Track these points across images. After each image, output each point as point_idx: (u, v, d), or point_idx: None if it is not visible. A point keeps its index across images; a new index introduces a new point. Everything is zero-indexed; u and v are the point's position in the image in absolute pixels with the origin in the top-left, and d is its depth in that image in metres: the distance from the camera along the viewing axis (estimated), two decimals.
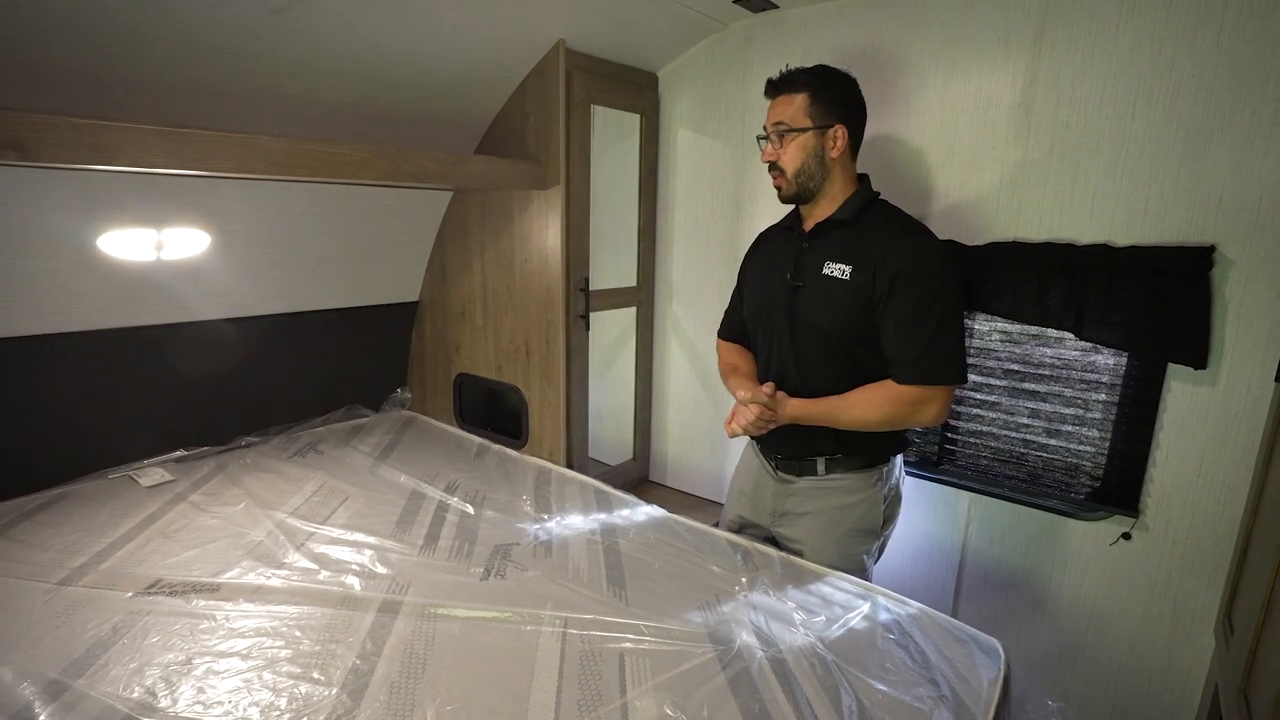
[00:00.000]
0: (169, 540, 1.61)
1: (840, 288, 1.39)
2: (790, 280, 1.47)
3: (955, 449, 1.92)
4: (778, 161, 1.43)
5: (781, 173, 1.44)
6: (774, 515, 1.62)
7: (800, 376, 1.48)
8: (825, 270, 1.42)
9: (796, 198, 1.47)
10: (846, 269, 1.39)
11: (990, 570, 1.87)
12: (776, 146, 1.43)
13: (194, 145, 1.28)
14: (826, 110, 1.40)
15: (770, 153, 1.44)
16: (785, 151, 1.42)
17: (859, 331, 1.39)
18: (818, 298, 1.43)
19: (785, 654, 1.27)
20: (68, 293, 1.71)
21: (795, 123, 1.40)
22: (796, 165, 1.42)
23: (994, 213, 1.72)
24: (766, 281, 1.54)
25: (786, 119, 1.41)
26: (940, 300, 1.33)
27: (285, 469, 2.05)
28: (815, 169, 1.42)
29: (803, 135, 1.40)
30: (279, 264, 2.09)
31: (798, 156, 1.41)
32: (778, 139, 1.43)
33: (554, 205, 2.02)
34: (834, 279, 1.40)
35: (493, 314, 2.29)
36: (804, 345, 1.46)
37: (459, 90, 1.95)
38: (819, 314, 1.42)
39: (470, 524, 1.75)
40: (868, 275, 1.36)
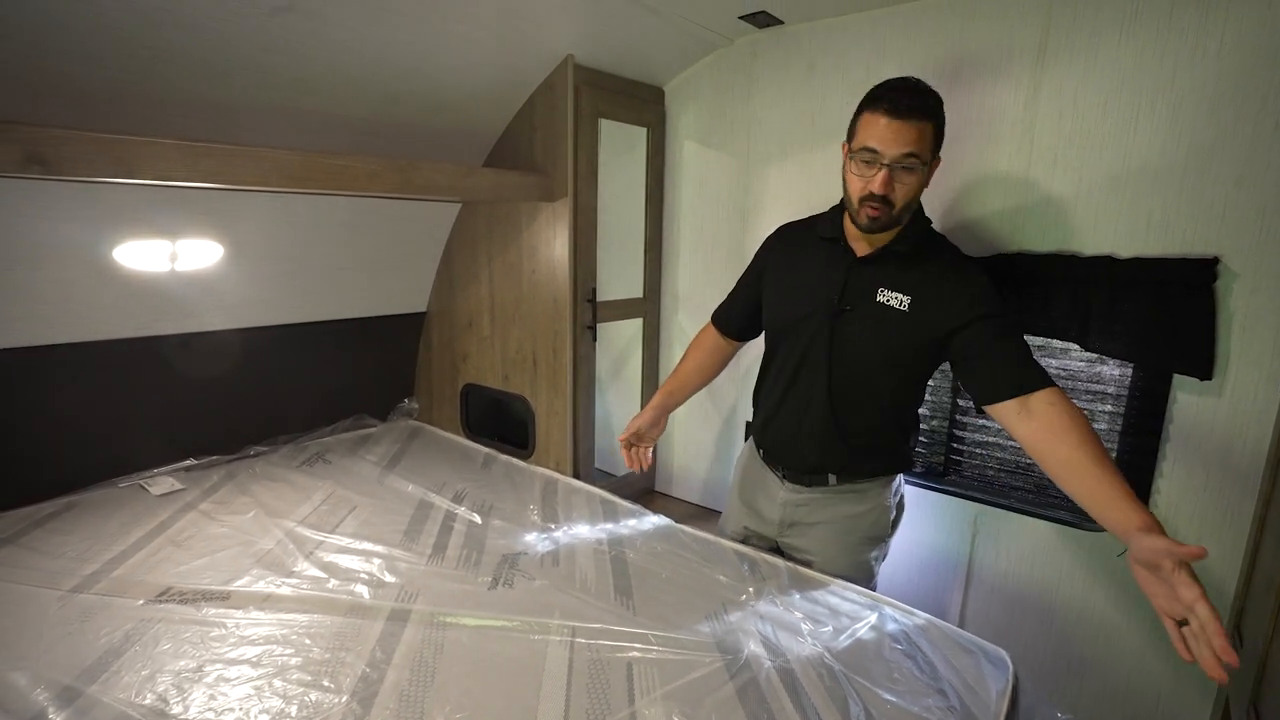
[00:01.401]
0: (179, 548, 1.62)
1: (897, 317, 1.31)
2: (838, 302, 1.36)
3: (961, 460, 1.92)
4: (889, 195, 1.23)
5: (888, 206, 1.24)
6: (782, 525, 1.59)
7: (829, 402, 1.41)
8: (880, 298, 1.32)
9: (886, 229, 1.30)
10: (905, 299, 1.30)
11: (997, 581, 1.87)
12: (894, 178, 1.23)
13: (211, 159, 1.31)
14: (939, 143, 1.26)
15: (886, 183, 1.22)
16: (901, 185, 1.23)
17: (908, 363, 1.34)
18: (870, 327, 1.33)
19: (793, 664, 1.27)
20: (82, 303, 1.73)
21: (926, 156, 1.23)
22: (908, 199, 1.25)
23: (998, 225, 1.73)
24: (803, 295, 1.42)
25: (919, 151, 1.21)
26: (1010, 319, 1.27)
27: (294, 478, 2.06)
28: (915, 203, 1.29)
29: (926, 169, 1.25)
30: (289, 275, 2.11)
31: (912, 190, 1.25)
32: (904, 171, 1.23)
33: (562, 217, 2.04)
34: (890, 309, 1.31)
35: (500, 324, 2.30)
36: (843, 371, 1.38)
37: (468, 104, 1.98)
38: (870, 344, 1.34)
39: (478, 533, 1.76)
40: (932, 308, 1.28)
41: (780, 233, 1.58)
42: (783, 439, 1.52)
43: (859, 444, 1.44)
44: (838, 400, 1.41)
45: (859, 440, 1.44)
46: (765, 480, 1.60)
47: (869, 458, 1.47)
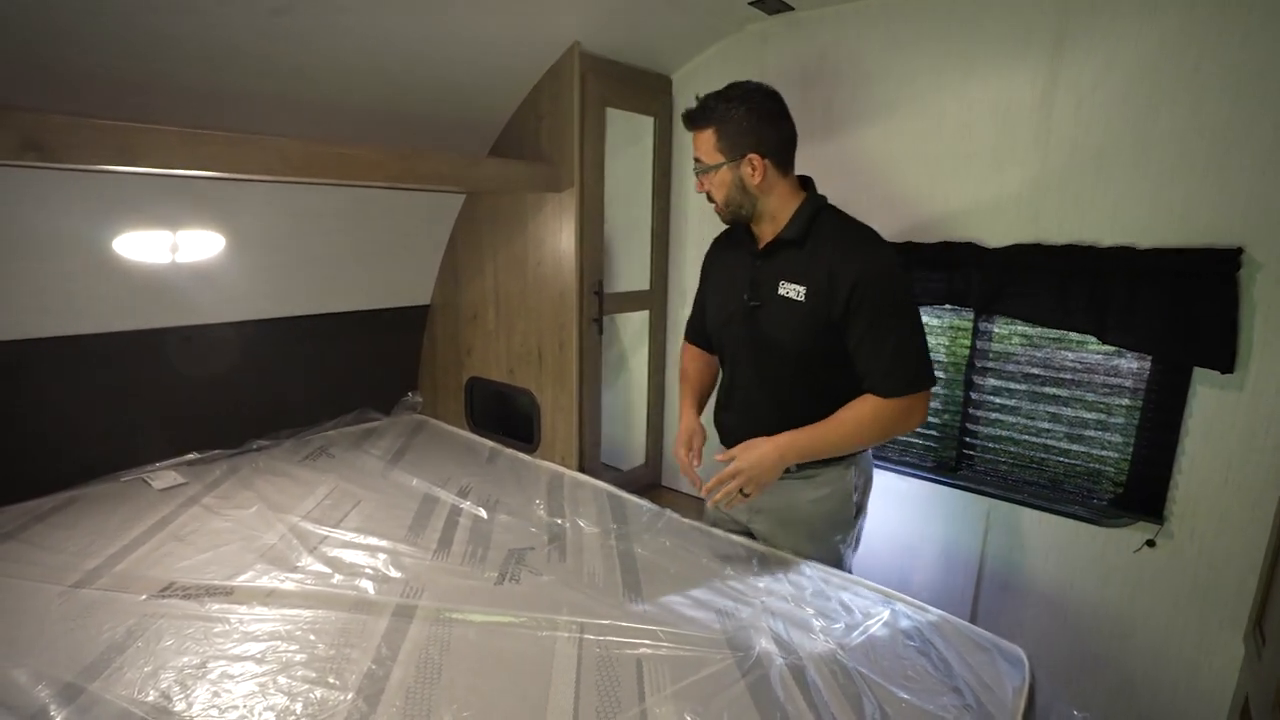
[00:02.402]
0: (182, 543, 1.60)
1: (797, 309, 1.38)
2: (748, 300, 1.45)
3: (974, 454, 1.90)
4: (708, 194, 1.44)
5: (714, 202, 1.44)
6: (751, 511, 1.62)
7: (764, 391, 1.49)
8: (781, 290, 1.41)
9: (732, 222, 1.47)
10: (801, 289, 1.38)
11: (1009, 577, 1.84)
12: (703, 180, 1.43)
13: (213, 147, 1.28)
14: (735, 143, 1.37)
15: (699, 186, 1.45)
16: (709, 186, 1.43)
17: (820, 348, 1.39)
18: (776, 319, 1.42)
19: (805, 661, 1.24)
20: (82, 295, 1.71)
21: (710, 159, 1.39)
22: (723, 198, 1.42)
23: (1014, 215, 1.70)
24: (725, 298, 1.53)
25: (701, 156, 1.41)
26: (899, 308, 1.34)
27: (297, 472, 2.04)
28: (742, 199, 1.40)
29: (719, 171, 1.39)
30: (291, 266, 2.09)
31: (721, 190, 1.41)
32: (701, 174, 1.43)
33: (568, 208, 2.01)
34: (789, 300, 1.39)
35: (505, 317, 2.28)
36: (767, 361, 1.47)
37: (473, 93, 1.95)
38: (779, 334, 1.42)
39: (484, 528, 1.74)
40: (822, 295, 1.35)
41: (716, 241, 1.66)
42: (736, 434, 1.55)
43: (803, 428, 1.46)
44: (773, 393, 1.48)
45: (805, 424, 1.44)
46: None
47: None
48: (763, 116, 1.37)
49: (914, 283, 1.84)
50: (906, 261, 1.85)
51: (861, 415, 1.37)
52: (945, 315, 1.89)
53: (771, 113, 1.39)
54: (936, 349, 1.93)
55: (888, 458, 2.05)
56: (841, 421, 1.38)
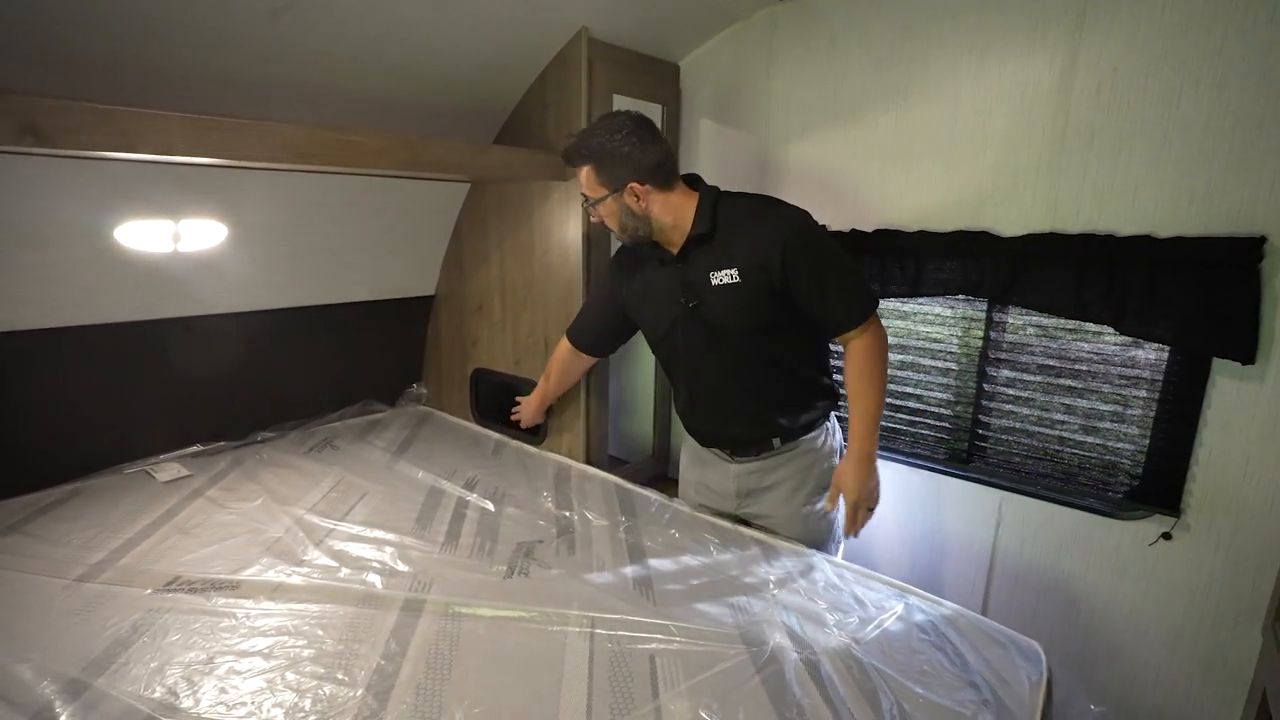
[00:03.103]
0: (187, 536, 1.59)
1: (737, 290, 1.43)
2: (686, 303, 1.50)
3: (986, 446, 1.87)
4: (602, 223, 1.53)
5: (611, 230, 1.53)
6: (739, 497, 1.66)
7: (733, 381, 1.54)
8: (714, 281, 1.45)
9: (635, 243, 1.53)
10: (733, 272, 1.43)
11: (1022, 570, 1.82)
12: (593, 213, 1.52)
13: (216, 133, 1.25)
14: (615, 174, 1.44)
15: (595, 216, 1.53)
16: (602, 216, 1.51)
17: (770, 320, 1.45)
18: (720, 307, 1.46)
19: (820, 656, 1.23)
20: (82, 286, 1.69)
21: (594, 194, 1.48)
22: (616, 225, 1.50)
23: (1030, 203, 1.67)
24: (660, 309, 1.57)
25: (586, 191, 1.50)
26: (828, 249, 1.43)
27: (302, 464, 2.03)
28: (634, 222, 1.47)
29: (605, 202, 1.47)
30: (293, 257, 2.06)
31: (613, 218, 1.49)
32: (591, 207, 1.51)
33: (575, 197, 1.98)
34: (727, 285, 1.44)
35: (511, 308, 2.25)
36: (726, 351, 1.51)
37: (479, 79, 1.91)
38: (729, 320, 1.46)
39: (491, 521, 1.72)
40: (755, 269, 1.41)
41: (618, 259, 1.73)
42: (714, 431, 1.65)
43: (782, 405, 1.55)
44: (738, 380, 1.54)
45: (779, 402, 1.55)
46: (713, 461, 1.69)
47: (799, 412, 1.57)
48: (634, 145, 1.43)
49: (926, 273, 1.81)
50: (919, 251, 1.82)
51: (862, 365, 1.45)
52: (958, 305, 1.86)
53: (643, 139, 1.44)
54: (949, 340, 1.90)
55: (898, 449, 2.03)
56: (860, 388, 1.45)
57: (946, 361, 1.91)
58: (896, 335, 2.00)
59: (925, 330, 1.93)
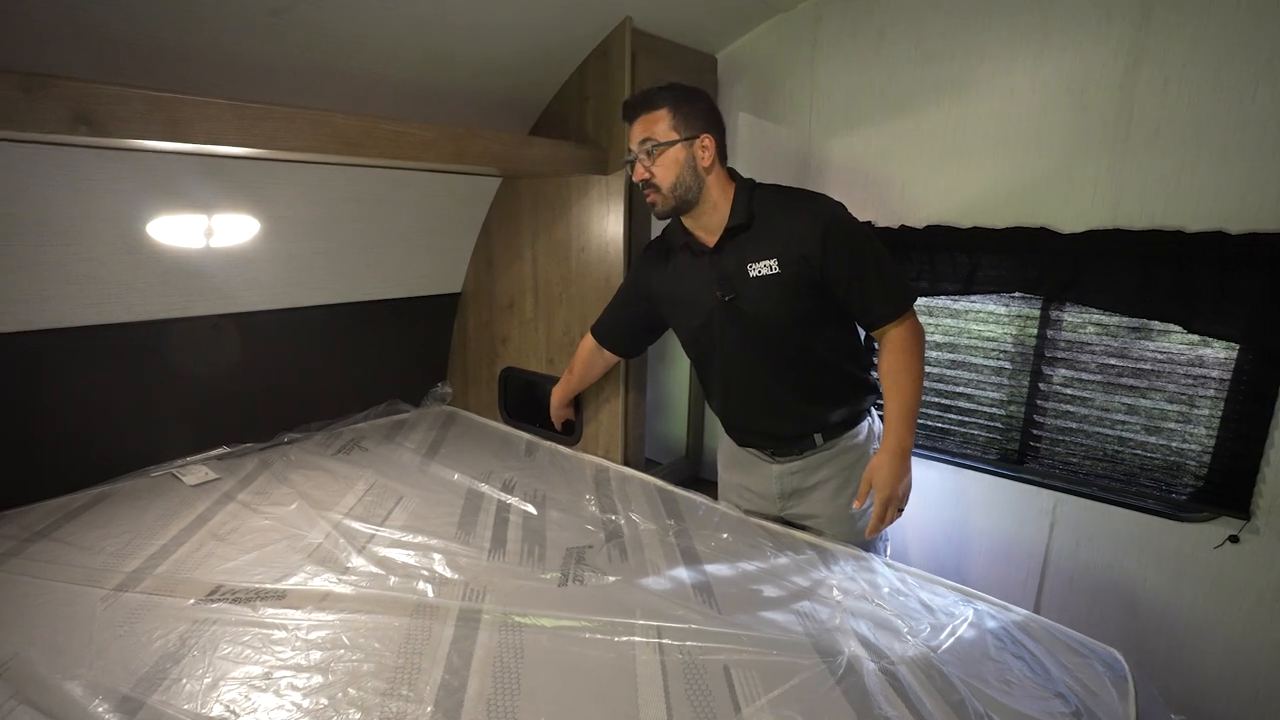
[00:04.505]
0: (223, 543, 1.53)
1: (775, 281, 1.41)
2: (722, 296, 1.46)
3: (1040, 446, 1.84)
4: (651, 179, 1.44)
5: (656, 189, 1.44)
6: (782, 499, 1.62)
7: (771, 376, 1.50)
8: (752, 272, 1.42)
9: (674, 211, 1.47)
10: (772, 263, 1.40)
11: (1076, 572, 1.79)
12: (647, 164, 1.44)
13: (269, 123, 1.19)
14: (689, 122, 1.42)
15: (641, 171, 1.45)
16: (657, 167, 1.43)
17: (809, 311, 1.43)
18: (760, 301, 1.43)
19: (898, 665, 1.19)
20: (112, 282, 1.62)
21: (662, 137, 1.42)
22: (671, 179, 1.43)
23: (1092, 199, 1.63)
24: (693, 305, 1.53)
25: (654, 135, 1.43)
26: (866, 240, 1.40)
27: (332, 466, 1.97)
28: (691, 180, 1.43)
29: (672, 149, 1.42)
30: (321, 253, 2.00)
31: (671, 170, 1.42)
32: (646, 157, 1.43)
33: (616, 191, 1.93)
34: (766, 276, 1.41)
35: (545, 305, 2.20)
36: (764, 345, 1.48)
37: (518, 68, 1.86)
38: (769, 313, 1.43)
39: (535, 525, 1.67)
40: (795, 259, 1.39)
41: (645, 255, 1.70)
42: (753, 429, 1.61)
43: (822, 399, 1.52)
44: (777, 374, 1.50)
45: (820, 396, 1.52)
46: (753, 462, 1.65)
47: (840, 406, 1.54)
48: (711, 108, 1.47)
49: (980, 270, 1.77)
50: (972, 247, 1.78)
51: (899, 357, 1.40)
52: (1013, 303, 1.82)
53: (716, 109, 1.49)
54: (1002, 339, 1.86)
55: (948, 450, 1.99)
56: (897, 380, 1.40)
57: (999, 360, 1.87)
58: (947, 334, 1.96)
59: (977, 329, 1.89)
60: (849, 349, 1.54)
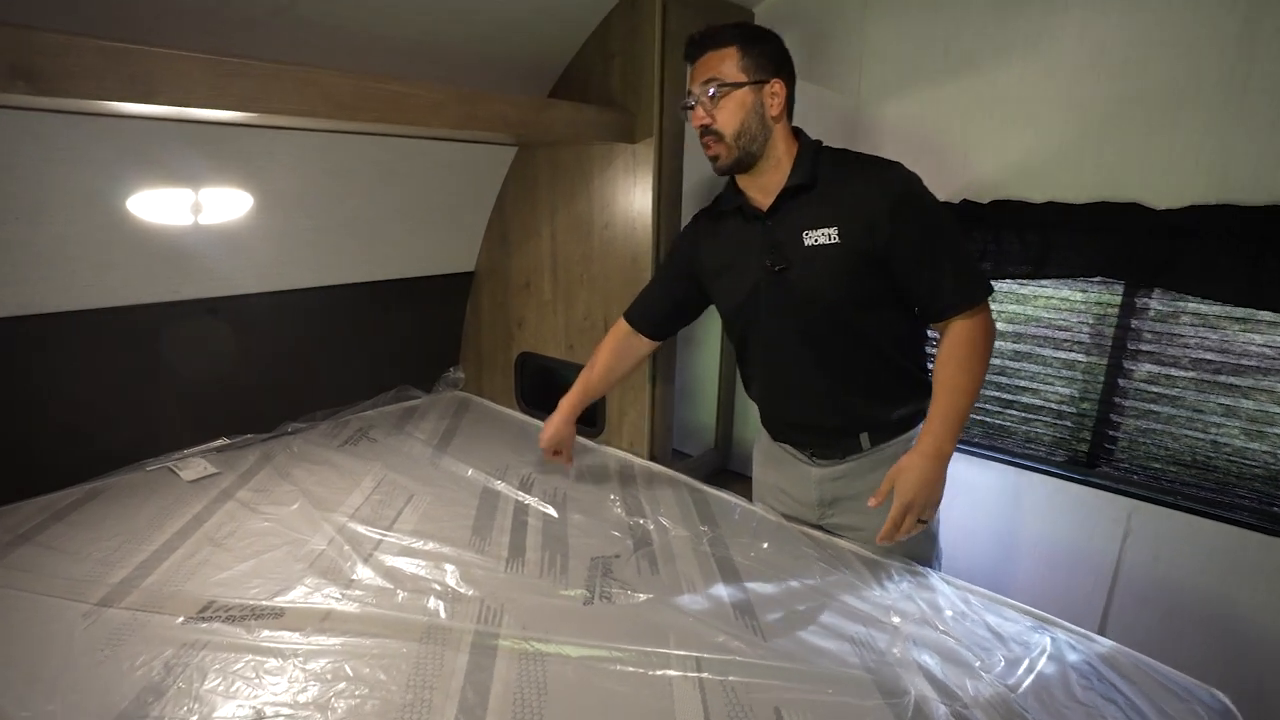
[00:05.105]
0: (220, 549, 1.41)
1: (833, 252, 1.25)
2: (771, 266, 1.30)
3: (1115, 448, 1.66)
4: (712, 125, 1.26)
5: (718, 137, 1.27)
6: (822, 506, 1.48)
7: (818, 365, 1.35)
8: (808, 240, 1.27)
9: (737, 165, 1.30)
10: (832, 231, 1.25)
11: (1151, 590, 1.62)
12: (709, 108, 1.26)
13: (246, 81, 1.02)
14: (760, 64, 1.25)
15: (701, 115, 1.27)
16: (720, 112, 1.25)
17: (865, 290, 1.28)
18: (814, 273, 1.28)
19: (973, 710, 1.04)
20: (91, 264, 1.48)
21: (729, 77, 1.24)
22: (736, 126, 1.25)
23: (1193, 170, 1.42)
24: (738, 274, 1.38)
25: (719, 74, 1.25)
26: (942, 219, 1.25)
27: (338, 460, 1.85)
28: (757, 129, 1.26)
29: (739, 92, 1.24)
30: (322, 230, 1.84)
31: (736, 116, 1.25)
32: (709, 100, 1.25)
33: (644, 161, 1.74)
34: (823, 246, 1.26)
35: (564, 286, 2.03)
36: (812, 324, 1.33)
37: (536, 24, 1.66)
38: (822, 288, 1.28)
39: (556, 530, 1.53)
40: (859, 228, 1.23)
41: (694, 222, 1.52)
42: (793, 421, 1.47)
43: (872, 393, 1.37)
44: (824, 359, 1.35)
45: (869, 389, 1.37)
46: (792, 463, 1.50)
47: (891, 405, 1.37)
48: (784, 51, 1.29)
49: (1054, 250, 1.58)
50: (1046, 225, 1.59)
51: (964, 352, 1.23)
52: (1091, 288, 1.62)
53: (788, 53, 1.31)
54: (1077, 328, 1.67)
55: (1007, 450, 1.82)
56: (953, 378, 1.23)
57: (1072, 352, 1.68)
58: (1011, 321, 1.77)
59: (1048, 316, 1.70)
60: (909, 341, 1.37)
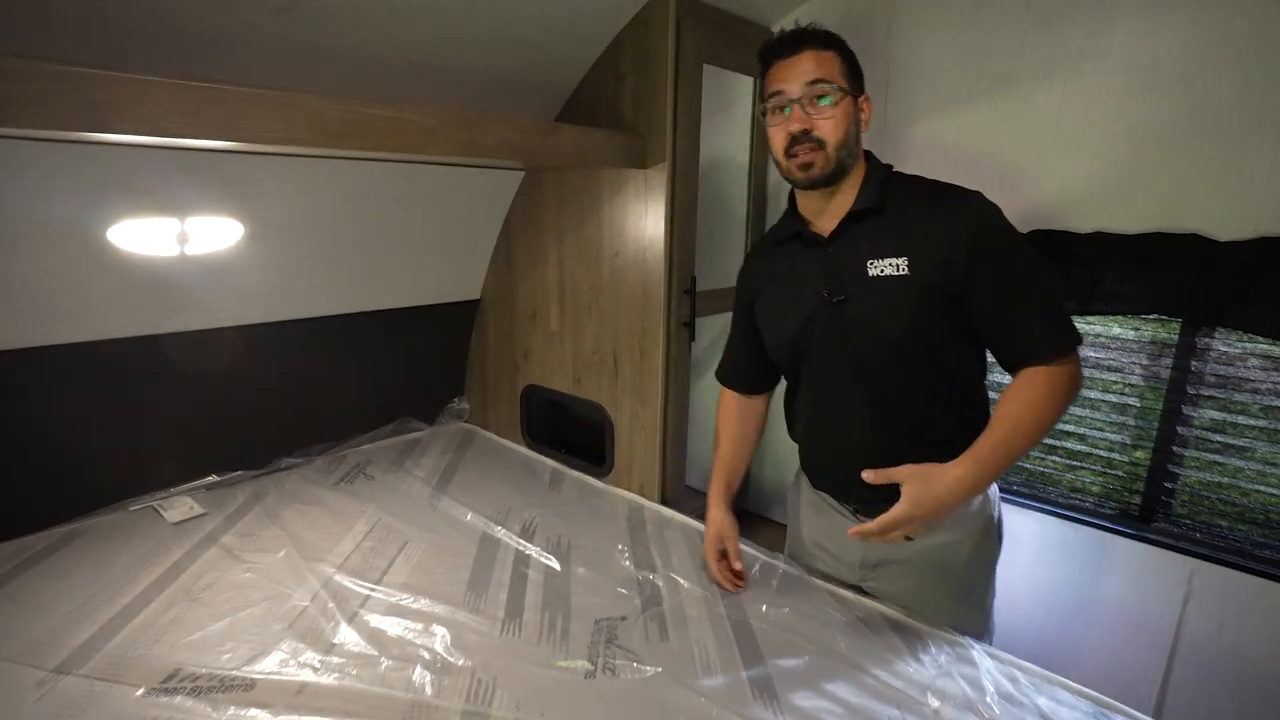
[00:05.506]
0: (195, 604, 1.31)
1: (901, 284, 1.12)
2: (828, 296, 1.17)
3: (1173, 502, 1.51)
4: (813, 131, 1.11)
5: (820, 146, 1.12)
6: (864, 568, 1.32)
7: (872, 410, 1.20)
8: (873, 271, 1.14)
9: (829, 179, 1.15)
10: (900, 262, 1.12)
11: (1218, 659, 1.46)
12: (812, 112, 1.11)
13: (221, 107, 0.94)
14: (855, 75, 1.16)
15: (802, 118, 1.11)
16: (826, 118, 1.11)
17: (934, 329, 1.13)
18: (876, 306, 1.14)
19: None
20: (73, 296, 1.40)
21: (838, 82, 1.12)
22: (841, 135, 1.12)
23: (1263, 197, 1.29)
24: (792, 307, 1.24)
25: (827, 76, 1.11)
26: (1030, 256, 1.11)
27: (331, 499, 1.75)
28: (854, 144, 1.15)
29: (845, 99, 1.13)
30: (319, 258, 1.75)
31: (843, 125, 1.12)
32: (813, 103, 1.11)
33: (656, 187, 1.64)
34: (889, 278, 1.13)
35: (572, 316, 1.93)
36: (869, 369, 1.18)
37: (542, 44, 1.58)
38: (885, 323, 1.14)
39: (559, 585, 1.42)
40: (933, 260, 1.10)
41: (751, 254, 1.42)
42: (839, 472, 1.27)
43: (926, 446, 1.16)
44: (879, 404, 1.19)
45: (924, 442, 1.18)
46: (832, 516, 1.35)
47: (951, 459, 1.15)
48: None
49: (1103, 284, 1.45)
50: (1093, 257, 1.46)
51: (1036, 398, 1.08)
52: (1144, 327, 1.49)
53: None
54: (1128, 369, 1.53)
55: (1049, 499, 1.67)
56: (1017, 416, 1.08)
57: (1124, 396, 1.54)
58: None
59: (1095, 355, 1.56)
60: (972, 389, 1.21)
